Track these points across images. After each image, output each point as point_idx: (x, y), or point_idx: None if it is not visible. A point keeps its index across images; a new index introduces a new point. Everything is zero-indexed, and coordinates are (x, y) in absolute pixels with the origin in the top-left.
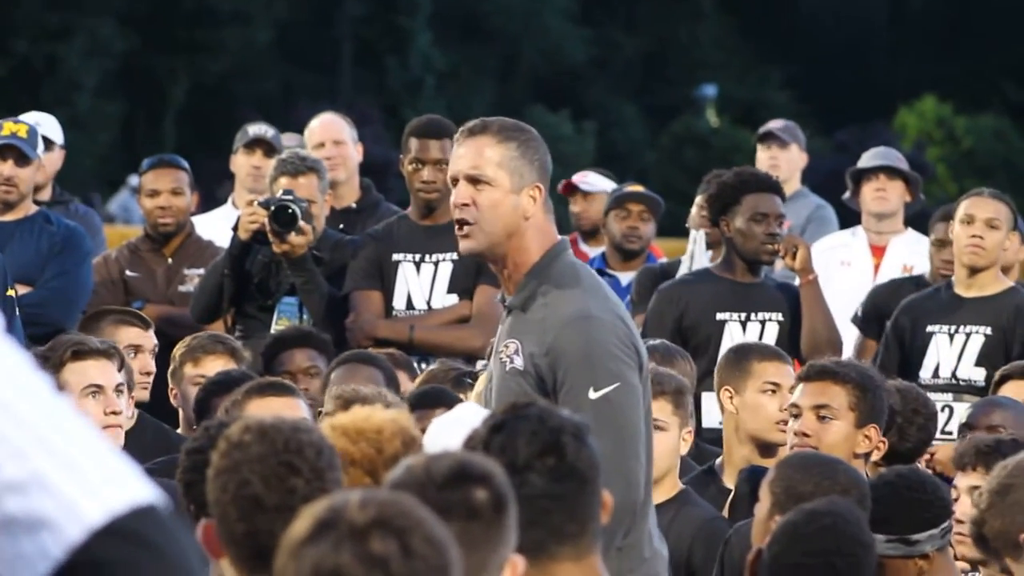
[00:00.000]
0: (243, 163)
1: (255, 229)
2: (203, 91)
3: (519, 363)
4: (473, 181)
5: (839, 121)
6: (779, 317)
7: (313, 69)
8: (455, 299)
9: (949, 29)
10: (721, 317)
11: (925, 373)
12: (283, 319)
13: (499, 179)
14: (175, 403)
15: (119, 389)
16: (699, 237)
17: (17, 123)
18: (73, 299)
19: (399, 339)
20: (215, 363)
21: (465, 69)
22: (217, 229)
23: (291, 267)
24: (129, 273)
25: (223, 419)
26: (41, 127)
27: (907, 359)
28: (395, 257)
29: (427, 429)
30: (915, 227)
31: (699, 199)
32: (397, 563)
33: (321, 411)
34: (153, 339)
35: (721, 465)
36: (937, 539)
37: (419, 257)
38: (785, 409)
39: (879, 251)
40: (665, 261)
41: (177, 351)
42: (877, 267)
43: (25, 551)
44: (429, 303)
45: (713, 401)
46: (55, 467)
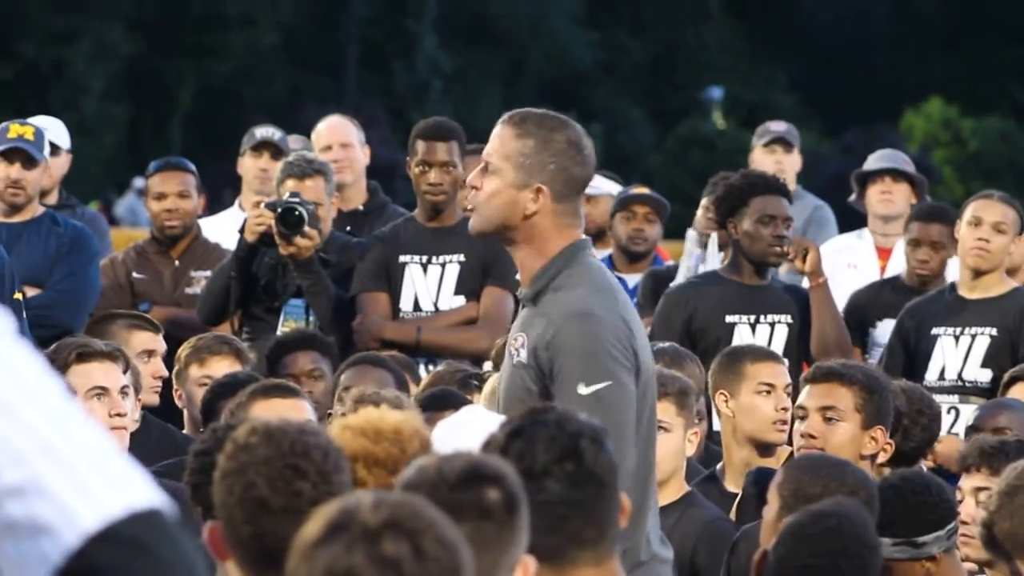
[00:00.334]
0: (250, 166)
1: (262, 231)
2: (210, 94)
3: (523, 356)
4: (485, 167)
5: (845, 123)
6: (788, 319)
7: (320, 72)
8: (462, 301)
9: (955, 31)
10: (730, 320)
11: (931, 375)
12: (289, 321)
13: (503, 171)
14: (180, 404)
15: (124, 391)
16: (711, 240)
17: (24, 125)
18: (81, 301)
19: (406, 341)
20: (220, 364)
21: (472, 72)
22: (224, 231)
23: (298, 269)
24: (136, 275)
25: (231, 421)
26: (48, 132)
27: (912, 361)
28: (402, 259)
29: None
30: None
31: (705, 201)
32: (409, 565)
33: (330, 413)
34: (163, 343)
35: (722, 470)
36: (943, 540)
37: (426, 259)
38: (782, 408)
39: (885, 253)
40: (672, 263)
41: (182, 352)
42: (883, 269)
43: (27, 555)
44: (436, 305)
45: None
46: (54, 472)
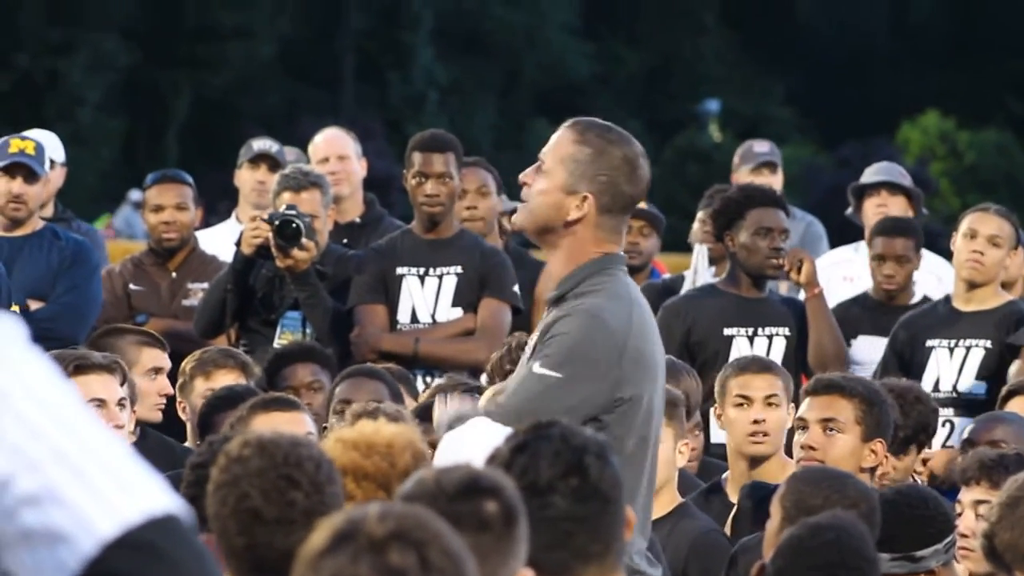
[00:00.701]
0: (247, 178)
1: (259, 244)
2: (206, 106)
3: (527, 352)
4: (539, 165)
5: (841, 136)
6: (786, 332)
7: (316, 84)
8: (459, 312)
9: (952, 44)
10: (728, 332)
11: (925, 387)
12: (286, 333)
13: (555, 172)
14: (184, 417)
15: (121, 403)
16: (701, 252)
17: (24, 140)
18: (84, 313)
19: (403, 352)
20: (226, 378)
21: (468, 84)
22: (221, 243)
23: (295, 282)
24: (133, 287)
25: (227, 434)
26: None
27: (907, 374)
28: (399, 271)
29: (435, 442)
30: None
31: (701, 214)
32: (415, 575)
33: (326, 426)
34: (169, 361)
35: (726, 481)
36: (941, 554)
37: (423, 271)
38: (754, 421)
39: None
40: (668, 277)
41: (187, 365)
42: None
43: (45, 564)
44: (433, 316)
45: None
46: (69, 480)
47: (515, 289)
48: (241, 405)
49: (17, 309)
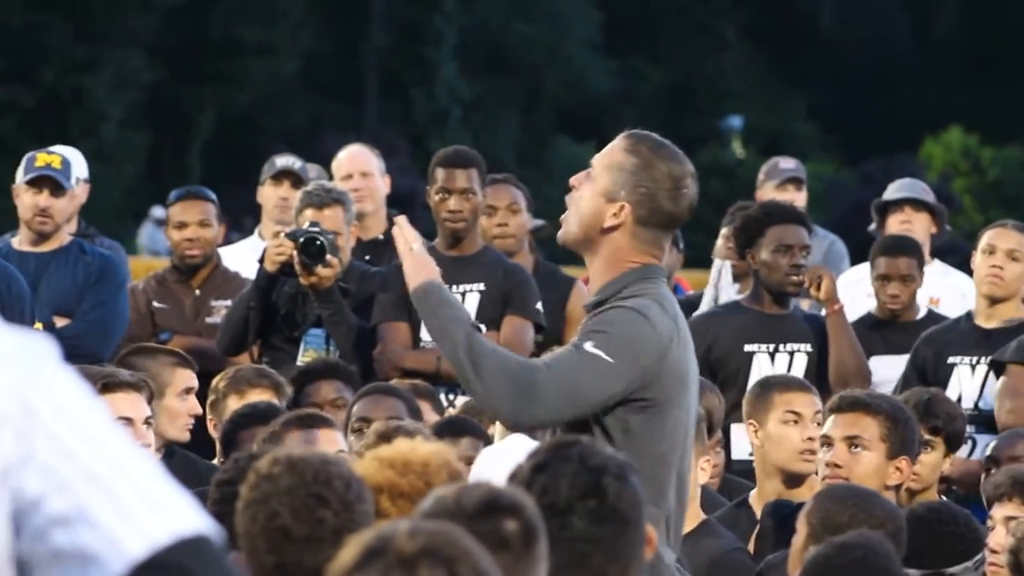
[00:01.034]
0: (270, 194)
1: (282, 261)
2: (229, 122)
3: None
4: (589, 172)
5: (864, 152)
6: (808, 348)
7: (339, 100)
8: (482, 329)
9: (975, 60)
10: (749, 349)
11: None
12: (310, 351)
13: (600, 178)
14: (214, 434)
15: (148, 422)
16: (724, 269)
17: (51, 154)
18: (111, 330)
19: (426, 370)
20: (260, 397)
21: (490, 100)
22: (244, 260)
23: (318, 299)
24: (156, 305)
25: (253, 451)
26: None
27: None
28: None
29: (470, 458)
30: (941, 259)
31: (724, 230)
32: None
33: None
34: (196, 380)
35: (755, 498)
36: (971, 572)
37: (446, 287)
38: (808, 439)
39: None
40: (692, 293)
41: (219, 383)
42: None
43: None
44: None
45: (742, 433)
46: (100, 500)
47: (538, 306)
48: (273, 421)
49: (41, 326)
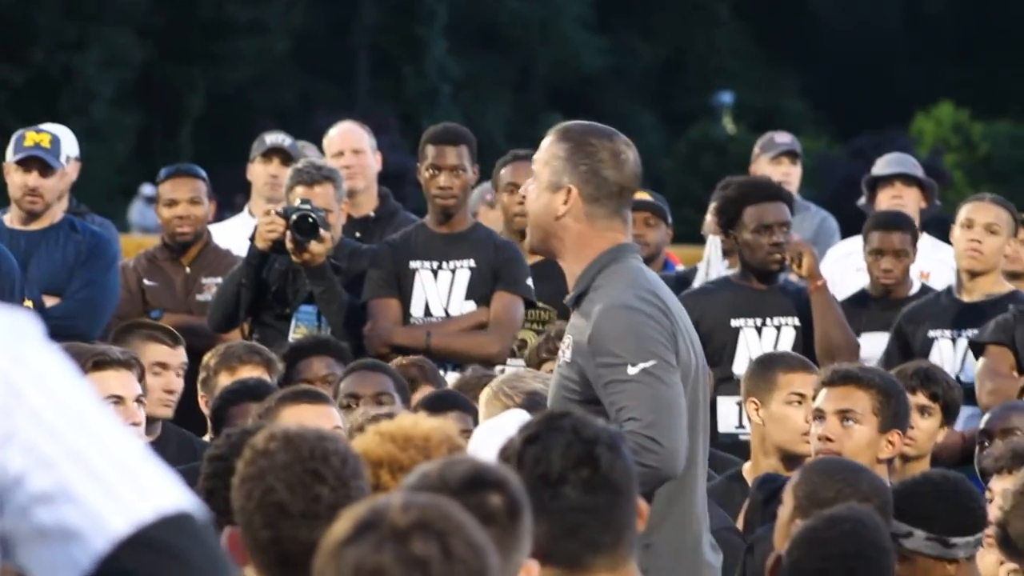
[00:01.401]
0: (260, 172)
1: (273, 238)
2: (220, 101)
3: (567, 356)
4: (532, 176)
5: (855, 128)
6: (795, 322)
7: (330, 78)
8: (473, 306)
9: (966, 35)
10: (736, 324)
11: None
12: (301, 327)
13: (540, 175)
14: (206, 411)
15: (139, 400)
16: (715, 244)
17: (40, 132)
18: (101, 310)
19: (416, 346)
20: (251, 374)
21: (481, 78)
22: (234, 238)
23: (310, 276)
24: (147, 282)
25: (246, 427)
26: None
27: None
28: (412, 265)
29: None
30: (931, 233)
31: (713, 207)
32: (438, 565)
33: None
34: (181, 356)
35: (748, 472)
36: (971, 547)
37: (436, 264)
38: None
39: None
40: (682, 269)
41: (210, 359)
42: None
43: (57, 561)
44: (447, 310)
45: (728, 406)
46: (83, 477)
47: (528, 282)
48: (268, 397)
49: (31, 304)
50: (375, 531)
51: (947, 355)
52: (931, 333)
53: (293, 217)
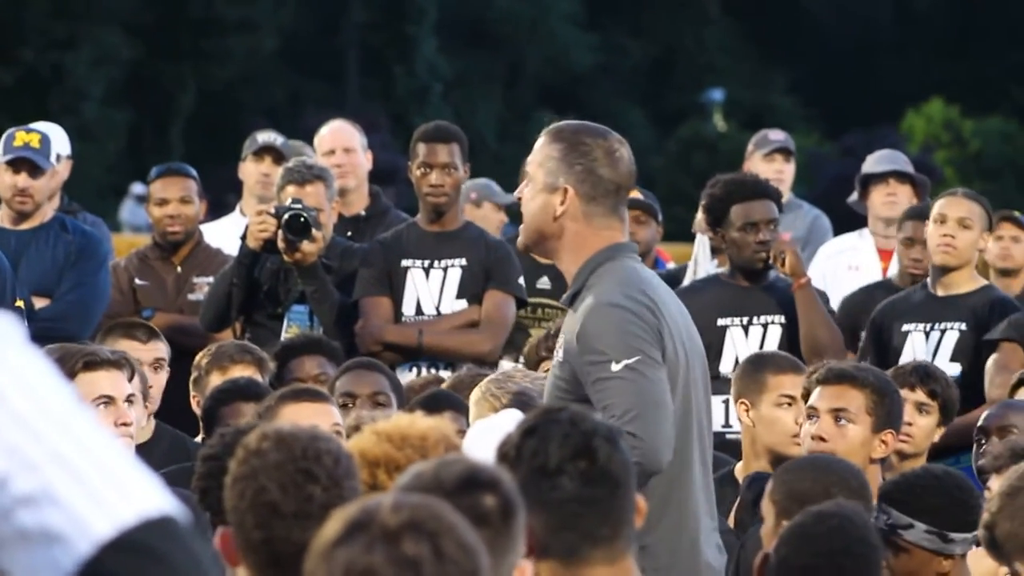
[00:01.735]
0: (252, 171)
1: (265, 238)
2: (210, 99)
3: (560, 355)
4: (525, 178)
5: (846, 125)
6: (781, 320)
7: (320, 77)
8: (464, 304)
9: (956, 32)
10: (722, 323)
11: None
12: (293, 327)
13: (536, 176)
14: (198, 411)
15: (129, 399)
16: (703, 242)
17: (29, 132)
18: (90, 311)
19: (408, 344)
20: (243, 373)
21: (471, 76)
22: (225, 237)
23: (302, 276)
24: (138, 282)
25: (239, 426)
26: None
27: (883, 359)
28: (404, 263)
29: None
30: None
31: (701, 204)
32: (429, 566)
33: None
34: (157, 351)
35: (740, 472)
36: (968, 544)
37: (428, 263)
38: (801, 422)
39: (887, 255)
40: (673, 267)
41: (202, 359)
42: (885, 271)
43: (39, 564)
44: (438, 309)
45: (716, 405)
46: (65, 480)
47: (520, 281)
48: (268, 396)
49: (22, 304)
50: (366, 532)
51: (919, 348)
52: (904, 327)
53: (284, 217)
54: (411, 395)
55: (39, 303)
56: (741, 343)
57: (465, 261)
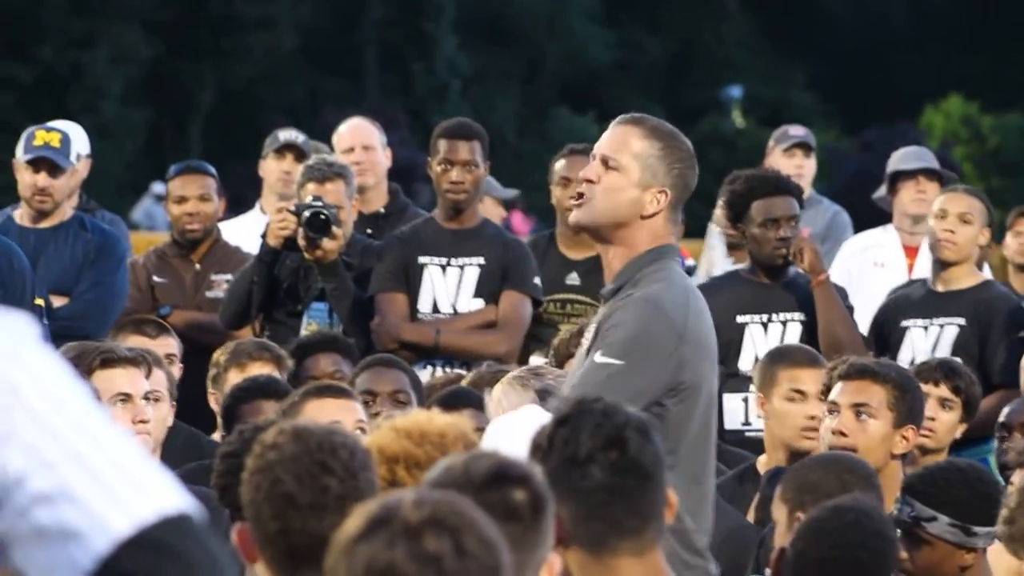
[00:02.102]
0: (273, 168)
1: (285, 235)
2: (229, 97)
3: (586, 345)
4: (606, 162)
5: (864, 121)
6: (801, 317)
7: (338, 74)
8: (481, 303)
9: (974, 27)
10: (741, 320)
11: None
12: (313, 324)
13: (630, 169)
14: (216, 408)
15: (147, 397)
16: (719, 240)
17: (50, 131)
18: (108, 310)
19: (425, 342)
20: (261, 370)
21: (490, 73)
22: (245, 234)
23: (322, 273)
24: (157, 279)
25: (258, 423)
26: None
27: (883, 354)
28: (421, 260)
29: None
30: None
31: (721, 200)
32: (451, 562)
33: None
34: (168, 347)
35: (762, 466)
36: (990, 538)
37: (445, 261)
38: (810, 417)
39: (912, 251)
40: (692, 263)
41: (220, 356)
42: (911, 267)
43: (56, 561)
44: (455, 307)
45: (735, 403)
46: (83, 478)
47: (536, 281)
48: (293, 392)
49: (41, 302)
50: (387, 528)
51: (919, 343)
52: (904, 323)
53: (305, 214)
54: (431, 394)
55: (57, 302)
56: (760, 340)
57: (483, 260)
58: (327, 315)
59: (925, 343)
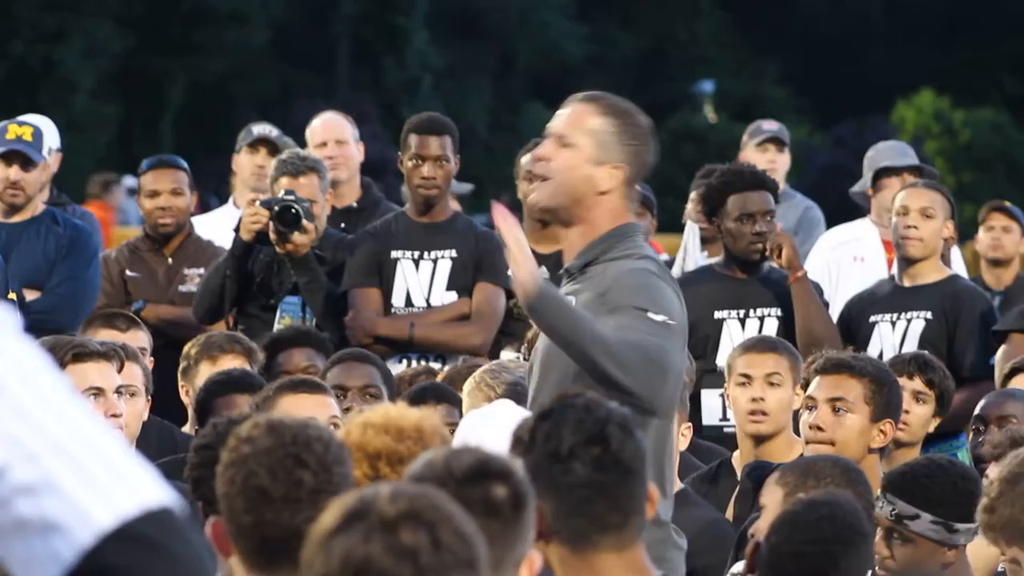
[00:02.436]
0: (246, 162)
1: (257, 230)
2: (201, 92)
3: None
4: (559, 140)
5: (837, 116)
6: (778, 312)
7: (310, 68)
8: (454, 296)
9: (946, 22)
10: (719, 315)
11: None
12: (286, 319)
13: (583, 146)
14: (187, 401)
15: (121, 391)
16: (693, 231)
17: (22, 125)
18: (80, 304)
19: (399, 337)
20: (232, 363)
21: (462, 67)
22: (218, 229)
23: (294, 267)
24: (129, 273)
25: (231, 416)
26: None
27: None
28: (394, 254)
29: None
30: None
31: (694, 194)
32: (427, 555)
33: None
34: (138, 340)
35: (737, 460)
36: (970, 535)
37: (418, 254)
38: (752, 399)
39: (891, 246)
40: (666, 258)
41: (191, 349)
42: (891, 262)
43: (38, 553)
44: (428, 300)
45: (712, 399)
46: (66, 470)
47: (509, 272)
48: (267, 386)
49: (14, 296)
50: (364, 521)
51: (887, 337)
52: (872, 318)
53: (276, 208)
54: (402, 386)
55: (30, 296)
56: (738, 336)
57: (455, 253)
58: (300, 309)
59: (893, 338)
